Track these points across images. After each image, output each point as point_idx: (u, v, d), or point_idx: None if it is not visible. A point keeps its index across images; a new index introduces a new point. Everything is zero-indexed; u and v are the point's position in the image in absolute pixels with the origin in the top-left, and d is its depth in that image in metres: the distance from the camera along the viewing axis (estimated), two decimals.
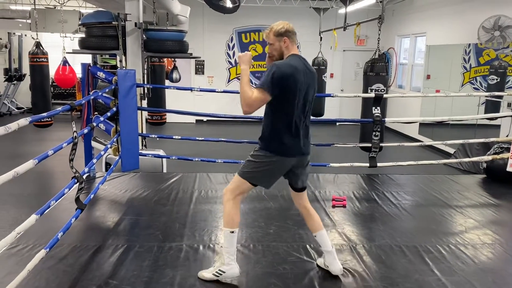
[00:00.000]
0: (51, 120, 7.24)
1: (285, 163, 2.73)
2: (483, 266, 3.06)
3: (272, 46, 2.74)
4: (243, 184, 2.73)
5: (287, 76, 2.58)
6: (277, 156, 2.69)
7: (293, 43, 2.73)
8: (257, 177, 2.74)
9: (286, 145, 2.68)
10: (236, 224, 2.72)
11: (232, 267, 2.72)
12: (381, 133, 5.06)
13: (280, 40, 2.70)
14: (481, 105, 7.68)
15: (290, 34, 2.71)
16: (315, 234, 2.89)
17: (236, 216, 2.72)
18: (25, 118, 2.40)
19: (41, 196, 5.67)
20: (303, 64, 2.68)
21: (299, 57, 2.71)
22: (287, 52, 2.71)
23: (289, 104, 2.63)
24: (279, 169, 2.76)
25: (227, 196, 2.74)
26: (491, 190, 4.84)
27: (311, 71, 2.75)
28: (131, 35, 5.52)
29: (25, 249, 3.09)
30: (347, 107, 11.84)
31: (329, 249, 2.85)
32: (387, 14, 11.11)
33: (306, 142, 2.77)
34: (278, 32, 2.69)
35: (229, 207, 2.72)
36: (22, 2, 10.46)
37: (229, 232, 2.71)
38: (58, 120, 7.49)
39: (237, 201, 2.74)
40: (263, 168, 2.71)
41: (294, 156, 2.73)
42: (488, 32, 6.79)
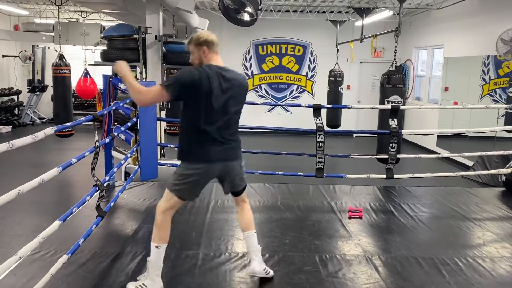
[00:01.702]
0: (72, 130, 7.43)
1: (206, 171, 2.72)
2: (501, 280, 3.03)
3: (192, 55, 2.78)
4: (171, 198, 2.72)
5: (190, 83, 2.60)
6: (195, 165, 2.69)
7: (213, 53, 2.74)
8: (180, 190, 2.71)
9: (201, 154, 2.68)
10: (164, 240, 2.70)
11: (155, 282, 2.70)
12: (398, 144, 5.05)
13: (199, 50, 2.73)
14: (501, 117, 7.59)
15: (210, 44, 2.73)
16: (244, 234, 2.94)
17: (164, 232, 2.70)
18: (50, 128, 2.50)
19: (61, 204, 5.80)
20: (217, 72, 2.67)
21: (214, 66, 2.70)
22: (206, 61, 2.73)
23: (196, 110, 2.64)
24: (200, 179, 2.75)
25: (158, 210, 2.74)
26: (510, 203, 4.77)
27: (232, 80, 2.73)
28: (151, 48, 5.67)
29: (48, 255, 3.18)
30: (364, 119, 11.82)
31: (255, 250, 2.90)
32: (405, 26, 11.10)
33: (226, 150, 2.75)
34: (197, 42, 2.73)
35: (158, 222, 2.71)
36: (46, 15, 10.82)
37: (155, 247, 2.69)
38: (78, 130, 7.67)
39: (167, 217, 2.72)
40: (184, 180, 2.70)
41: (215, 163, 2.72)
42: (507, 44, 6.74)
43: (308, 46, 12.34)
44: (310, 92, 12.50)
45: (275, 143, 8.52)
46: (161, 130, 5.73)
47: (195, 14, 7.29)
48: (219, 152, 2.72)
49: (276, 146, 7.14)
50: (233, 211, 4.29)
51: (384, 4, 8.98)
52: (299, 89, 12.50)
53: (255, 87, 12.53)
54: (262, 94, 12.55)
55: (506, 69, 8.04)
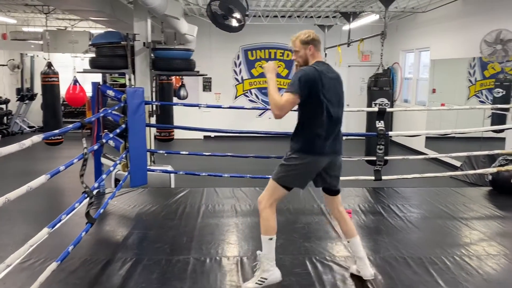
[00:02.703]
0: (62, 138, 7.41)
1: (317, 163, 2.82)
2: (487, 277, 3.07)
3: (297, 53, 2.87)
4: (277, 189, 2.83)
5: (313, 79, 2.72)
6: (309, 156, 2.79)
7: (318, 51, 2.86)
8: (290, 179, 2.84)
9: (317, 146, 2.78)
10: (274, 231, 2.82)
11: (273, 272, 2.81)
12: (386, 146, 5.11)
13: (305, 48, 2.83)
14: (487, 118, 7.71)
15: (316, 43, 2.84)
16: (348, 240, 2.98)
17: (273, 222, 2.82)
18: (38, 135, 2.51)
19: (51, 212, 5.78)
20: (327, 69, 2.81)
21: (323, 63, 2.85)
22: (312, 59, 2.84)
23: (318, 106, 2.75)
24: (311, 169, 2.85)
25: (263, 204, 2.83)
26: (497, 202, 4.85)
27: (337, 76, 2.89)
28: (139, 54, 5.68)
29: (37, 263, 3.17)
30: (353, 122, 11.87)
31: (361, 255, 2.93)
32: (391, 30, 11.24)
33: (337, 143, 2.88)
34: (304, 40, 2.82)
35: (266, 214, 2.81)
36: (34, 24, 10.78)
37: (268, 239, 2.80)
38: (68, 138, 7.64)
39: (273, 208, 2.84)
40: (296, 170, 2.82)
41: (326, 155, 2.82)
42: (490, 46, 6.86)
43: None
44: None
45: (266, 147, 8.55)
46: (150, 136, 5.73)
47: (183, 20, 7.33)
48: (331, 145, 2.83)
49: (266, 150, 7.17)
50: (224, 215, 4.32)
51: (371, 8, 9.09)
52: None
53: (245, 92, 12.58)
54: (252, 98, 12.61)
55: (491, 71, 8.17)
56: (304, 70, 2.77)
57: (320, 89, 2.73)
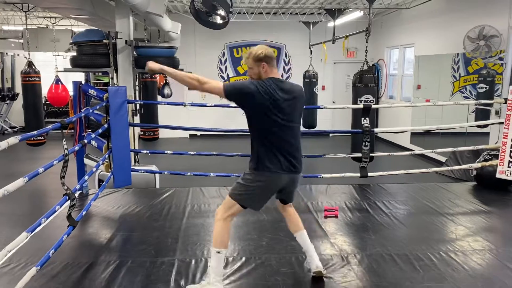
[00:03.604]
0: (44, 138, 7.27)
1: (273, 181, 2.77)
2: (473, 273, 3.08)
3: (251, 70, 2.82)
4: (233, 205, 2.77)
5: (252, 93, 2.65)
6: (264, 174, 2.73)
7: (271, 67, 2.79)
8: (244, 199, 2.78)
9: (271, 163, 2.71)
10: (225, 245, 2.73)
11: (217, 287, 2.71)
12: (371, 143, 5.11)
13: (259, 65, 2.77)
14: (472, 113, 7.77)
15: (268, 59, 2.77)
16: (295, 235, 2.99)
17: (225, 237, 2.74)
18: (15, 137, 2.43)
19: (34, 214, 5.62)
20: (278, 85, 2.72)
21: (274, 79, 2.76)
22: (265, 76, 2.78)
23: (265, 123, 2.70)
24: (266, 189, 2.80)
25: (218, 215, 2.77)
26: (482, 197, 4.89)
27: (294, 90, 2.81)
28: (122, 53, 5.59)
29: (17, 268, 3.09)
30: (340, 119, 11.93)
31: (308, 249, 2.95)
32: (376, 26, 11.30)
33: (295, 160, 2.80)
34: (257, 58, 2.76)
35: (219, 227, 2.74)
36: (15, 22, 10.56)
37: (216, 252, 2.71)
38: (52, 139, 7.51)
39: (227, 222, 2.76)
40: (251, 190, 2.76)
41: (282, 174, 2.75)
42: (474, 42, 6.91)
43: (282, 48, 12.40)
44: None
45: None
46: (134, 136, 5.64)
47: (167, 17, 7.23)
48: (287, 164, 2.75)
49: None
50: (210, 215, 4.26)
51: (355, 4, 9.10)
52: None
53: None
54: None
55: (475, 66, 8.24)
56: (251, 82, 2.73)
57: (262, 106, 2.66)
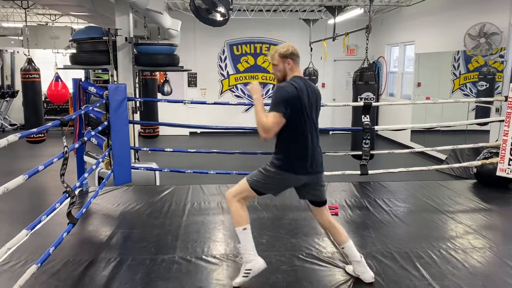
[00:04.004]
0: (43, 136, 7.27)
1: (294, 180, 2.82)
2: (473, 270, 3.09)
3: (276, 67, 2.82)
4: (248, 191, 2.81)
5: (292, 96, 2.67)
6: (286, 173, 2.77)
7: (296, 65, 2.81)
8: (264, 187, 2.84)
9: (295, 164, 2.76)
10: (246, 220, 2.78)
11: (255, 261, 2.77)
12: (372, 141, 5.11)
13: (284, 62, 2.78)
14: (472, 111, 7.77)
15: (294, 57, 2.79)
16: (343, 246, 2.93)
17: (244, 212, 2.79)
18: (14, 134, 2.42)
19: (34, 212, 5.63)
20: (305, 85, 2.76)
21: (301, 78, 2.80)
22: (290, 74, 2.79)
23: (296, 123, 2.72)
24: (287, 184, 2.86)
25: (230, 197, 2.81)
26: (482, 194, 4.88)
27: (314, 91, 2.83)
28: (121, 50, 5.57)
29: (18, 265, 3.08)
30: (340, 116, 11.93)
31: (358, 259, 2.89)
32: (376, 24, 11.27)
33: (316, 161, 2.82)
34: (283, 54, 2.77)
35: (235, 207, 2.80)
36: (14, 19, 10.54)
37: (242, 230, 2.77)
38: (52, 136, 7.50)
39: (242, 202, 2.81)
40: (271, 182, 2.82)
41: (304, 175, 2.79)
42: (474, 39, 6.90)
43: None
44: None
45: (252, 143, 8.49)
46: (134, 133, 5.64)
47: (166, 15, 7.22)
48: (311, 164, 2.78)
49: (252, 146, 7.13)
50: (210, 213, 4.27)
51: (356, 2, 9.08)
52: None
53: (231, 87, 12.51)
54: (238, 94, 12.54)
55: (475, 64, 8.23)
56: (285, 88, 2.70)
57: (299, 107, 2.69)
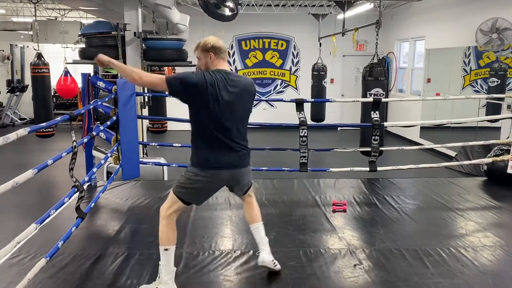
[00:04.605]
0: (52, 130, 7.31)
1: (215, 178, 2.70)
2: (483, 269, 3.05)
3: (199, 61, 2.76)
4: (175, 201, 2.70)
5: (194, 85, 2.56)
6: (204, 171, 2.66)
7: (219, 59, 2.72)
8: (186, 194, 2.70)
9: (212, 160, 2.65)
10: (172, 242, 2.66)
11: (168, 286, 2.65)
12: (381, 137, 5.06)
13: (206, 56, 2.71)
14: (482, 107, 7.68)
15: (217, 50, 2.71)
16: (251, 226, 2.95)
17: (171, 233, 2.67)
18: (24, 128, 2.43)
19: (44, 205, 5.66)
20: (223, 78, 2.64)
21: (221, 71, 2.68)
22: (212, 67, 2.71)
23: (203, 116, 2.61)
24: (209, 186, 2.74)
25: (162, 214, 2.71)
26: (492, 192, 4.83)
27: (241, 84, 2.73)
28: (130, 45, 5.57)
29: (27, 259, 3.11)
30: (348, 112, 11.86)
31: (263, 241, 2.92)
32: (386, 19, 11.16)
33: (237, 156, 2.72)
34: (204, 47, 2.70)
35: (163, 226, 2.68)
36: (24, 14, 10.59)
37: (164, 250, 2.66)
38: (61, 130, 7.55)
39: (171, 219, 2.69)
40: (192, 185, 2.69)
41: (225, 169, 2.69)
42: (486, 35, 6.80)
43: (291, 41, 12.32)
44: (294, 86, 12.49)
45: (260, 138, 8.48)
46: (142, 128, 5.65)
47: (175, 9, 7.20)
48: (228, 159, 2.69)
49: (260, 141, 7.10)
50: (217, 208, 4.26)
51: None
52: (283, 84, 12.49)
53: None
54: None
55: (486, 60, 8.13)
56: (191, 72, 2.62)
57: (205, 98, 2.56)
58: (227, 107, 2.63)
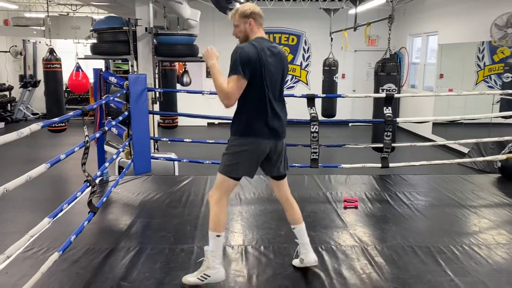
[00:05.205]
0: (64, 125, 7.37)
1: (260, 146, 2.65)
2: (497, 267, 3.01)
3: (237, 28, 2.70)
4: (225, 181, 2.67)
5: (252, 57, 2.53)
6: (250, 139, 2.62)
7: (258, 26, 2.68)
8: (235, 168, 2.66)
9: (258, 128, 2.62)
10: (223, 228, 2.66)
11: (217, 271, 2.65)
12: (393, 133, 5.02)
13: (245, 22, 2.66)
14: (496, 103, 7.57)
15: (256, 16, 2.66)
16: (294, 227, 2.90)
17: (223, 218, 2.66)
18: (37, 123, 2.44)
19: (56, 200, 5.76)
20: (268, 45, 2.63)
21: (264, 39, 2.67)
22: (252, 35, 2.67)
23: (257, 86, 2.58)
24: (255, 154, 2.67)
25: (213, 198, 2.68)
26: (506, 189, 4.76)
27: (279, 52, 2.70)
28: (141, 40, 5.59)
29: (40, 252, 3.14)
30: (360, 108, 11.79)
31: (306, 242, 2.87)
32: (398, 14, 11.03)
33: (280, 126, 2.70)
34: (243, 14, 2.65)
35: (215, 210, 2.66)
36: (36, 9, 10.68)
37: (215, 236, 2.65)
38: (73, 125, 7.62)
39: (223, 204, 2.68)
40: (239, 158, 2.64)
41: (268, 139, 2.66)
42: (501, 30, 6.69)
43: (302, 36, 12.26)
44: (305, 82, 12.44)
45: None
46: (154, 124, 5.67)
47: (186, 5, 7.19)
48: (274, 128, 2.66)
49: None
50: (228, 204, 4.25)
51: None
52: (294, 79, 12.44)
53: None
54: None
55: (500, 55, 8.01)
56: (242, 48, 2.55)
57: (260, 68, 2.54)
58: (273, 74, 2.63)
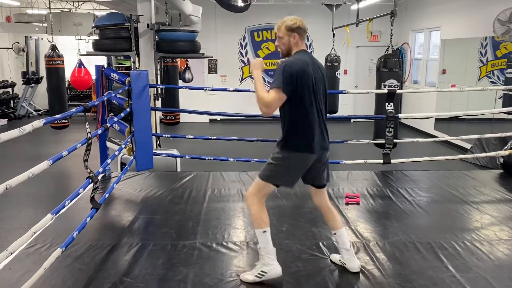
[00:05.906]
0: (67, 121, 7.38)
1: (305, 159, 2.70)
2: (499, 263, 3.01)
3: (281, 40, 2.75)
4: (265, 186, 2.73)
5: (298, 72, 2.58)
6: (297, 153, 2.68)
7: (302, 40, 2.73)
8: (279, 177, 2.73)
9: (305, 142, 2.66)
10: (266, 223, 2.70)
11: (273, 267, 2.70)
12: (395, 129, 5.01)
13: (290, 35, 2.70)
14: (499, 99, 7.55)
15: (301, 31, 2.71)
16: (335, 232, 2.89)
17: (264, 215, 2.71)
18: (39, 120, 2.44)
19: (59, 196, 5.76)
20: (311, 60, 2.70)
21: (307, 53, 2.73)
22: (295, 48, 2.72)
23: (304, 99, 2.63)
24: (300, 167, 2.74)
25: (250, 200, 2.73)
26: (508, 185, 4.75)
27: (320, 66, 2.77)
28: (143, 36, 5.58)
29: (43, 248, 3.16)
30: (362, 104, 11.77)
31: (348, 247, 2.85)
32: (401, 9, 11.00)
33: (325, 138, 2.76)
34: (289, 27, 2.69)
35: (255, 209, 2.71)
36: (38, 6, 10.67)
37: (262, 232, 2.69)
38: (75, 122, 7.60)
39: (262, 202, 2.74)
40: (284, 169, 2.71)
41: (314, 152, 2.70)
42: (504, 25, 6.66)
43: None
44: None
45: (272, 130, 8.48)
46: (156, 120, 5.67)
47: (188, 1, 7.18)
48: (319, 142, 2.70)
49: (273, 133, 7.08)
50: (230, 200, 4.28)
51: None
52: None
53: (252, 74, 12.44)
54: None
55: (503, 50, 7.98)
56: (287, 62, 2.62)
57: (304, 82, 2.59)
58: (318, 88, 2.68)
